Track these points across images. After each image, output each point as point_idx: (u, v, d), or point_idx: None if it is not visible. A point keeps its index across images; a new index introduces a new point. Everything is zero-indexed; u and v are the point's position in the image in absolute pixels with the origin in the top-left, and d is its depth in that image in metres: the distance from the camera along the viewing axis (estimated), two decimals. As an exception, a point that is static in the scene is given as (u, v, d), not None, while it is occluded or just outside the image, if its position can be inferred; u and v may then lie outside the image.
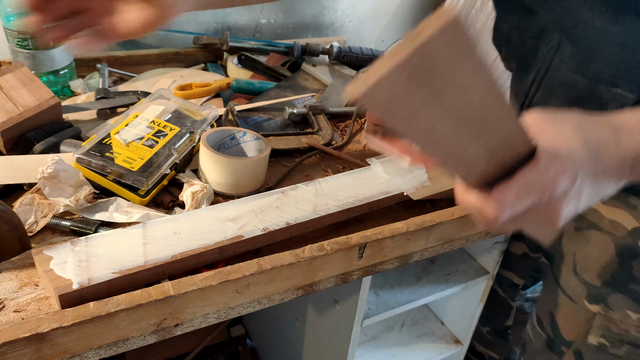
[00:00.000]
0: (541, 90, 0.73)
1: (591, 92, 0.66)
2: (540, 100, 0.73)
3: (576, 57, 0.67)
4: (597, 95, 0.66)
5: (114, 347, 0.51)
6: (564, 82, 0.69)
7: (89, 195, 0.63)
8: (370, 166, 0.76)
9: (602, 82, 0.65)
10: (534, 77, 0.73)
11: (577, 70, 0.67)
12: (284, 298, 0.61)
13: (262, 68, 1.04)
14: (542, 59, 0.72)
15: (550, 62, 0.71)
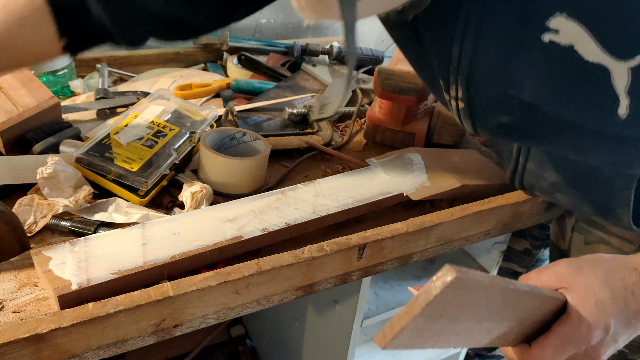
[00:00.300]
0: (532, 161, 0.69)
1: (592, 171, 0.63)
2: (534, 170, 0.69)
3: (563, 153, 0.62)
4: (599, 173, 0.63)
5: (113, 347, 0.51)
6: (558, 162, 0.66)
7: (88, 196, 0.63)
8: (370, 166, 0.75)
9: (605, 165, 0.61)
10: (518, 148, 0.69)
11: (572, 159, 0.63)
12: (284, 298, 0.61)
13: (262, 68, 1.04)
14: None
15: (529, 150, 0.67)
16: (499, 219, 0.74)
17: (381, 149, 0.87)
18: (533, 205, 0.76)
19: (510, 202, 0.73)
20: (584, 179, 0.65)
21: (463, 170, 0.76)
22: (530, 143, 0.65)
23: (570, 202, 0.70)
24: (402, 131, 0.85)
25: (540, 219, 0.80)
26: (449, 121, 0.84)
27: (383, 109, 0.85)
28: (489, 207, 0.71)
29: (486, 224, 0.74)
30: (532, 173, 0.70)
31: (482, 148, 0.90)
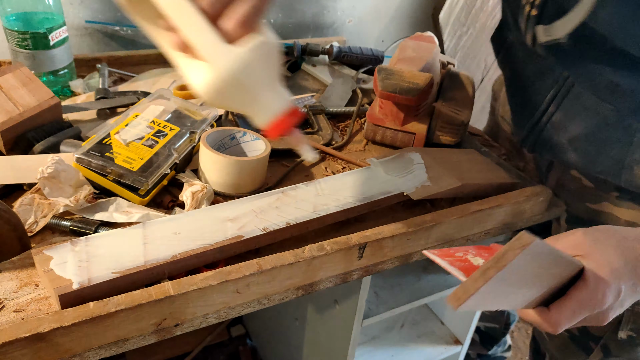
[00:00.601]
0: (562, 110, 0.72)
1: (619, 120, 0.67)
2: (561, 120, 0.72)
3: (602, 92, 0.67)
4: (624, 124, 0.67)
5: (114, 347, 0.51)
6: (589, 108, 0.69)
7: (88, 195, 0.63)
8: (370, 166, 0.75)
9: (631, 113, 0.66)
10: (553, 96, 0.72)
11: (604, 100, 0.67)
12: (284, 298, 0.61)
13: (262, 68, 1.04)
14: (559, 82, 0.71)
15: (570, 89, 0.70)
16: (499, 219, 0.75)
17: (381, 149, 0.87)
18: (534, 204, 0.77)
19: (511, 202, 0.73)
20: (608, 131, 0.68)
21: (463, 170, 0.76)
22: (576, 68, 0.68)
23: (583, 161, 0.73)
24: (402, 131, 0.85)
25: (540, 219, 0.80)
26: (449, 121, 0.85)
27: (383, 109, 0.85)
28: (489, 207, 0.71)
29: (486, 223, 0.74)
30: (556, 125, 0.73)
31: (482, 148, 0.90)
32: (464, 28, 1.50)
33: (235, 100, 0.49)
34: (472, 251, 0.52)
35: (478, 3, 1.46)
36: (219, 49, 0.45)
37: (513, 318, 1.29)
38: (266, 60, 0.47)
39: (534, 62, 0.74)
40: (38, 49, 0.86)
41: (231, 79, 0.46)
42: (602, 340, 0.81)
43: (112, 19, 1.09)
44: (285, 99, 0.50)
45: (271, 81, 0.49)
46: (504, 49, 0.80)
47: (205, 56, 0.45)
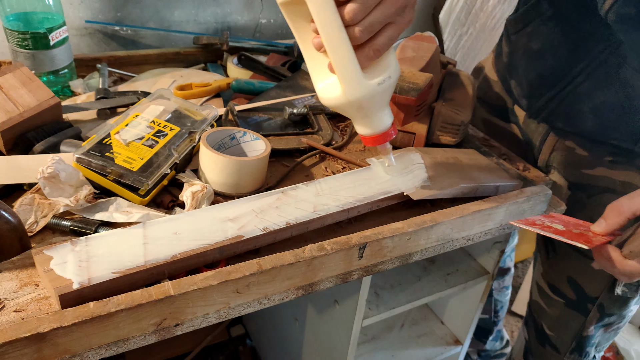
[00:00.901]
0: (590, 80, 0.76)
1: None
2: (587, 89, 0.77)
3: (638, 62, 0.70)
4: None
5: (114, 347, 0.51)
6: (621, 78, 0.73)
7: (89, 195, 0.63)
8: (370, 166, 0.76)
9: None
10: (584, 66, 0.76)
11: (638, 71, 0.71)
12: (284, 298, 0.61)
13: (262, 68, 1.04)
14: (593, 54, 0.75)
15: (606, 59, 0.74)
16: (499, 219, 0.75)
17: (381, 149, 0.87)
18: (534, 204, 0.77)
19: (511, 202, 0.73)
20: (635, 100, 0.73)
21: (463, 170, 0.76)
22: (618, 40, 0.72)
23: (600, 128, 0.79)
24: (402, 131, 0.85)
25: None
26: (449, 121, 0.85)
27: (383, 108, 0.85)
28: (489, 207, 0.71)
29: (486, 223, 0.74)
30: (581, 94, 0.78)
31: (482, 148, 0.90)
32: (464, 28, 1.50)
33: (349, 113, 0.61)
34: (543, 219, 0.62)
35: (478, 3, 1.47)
36: (354, 76, 0.54)
37: (501, 305, 1.30)
38: (385, 91, 0.57)
39: (571, 35, 0.78)
40: (38, 49, 0.86)
41: (355, 103, 0.57)
42: (599, 299, 0.86)
43: (112, 19, 1.09)
44: (388, 120, 0.62)
45: (383, 106, 0.60)
46: (539, 22, 0.83)
47: (341, 77, 0.55)
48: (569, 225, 0.63)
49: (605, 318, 0.88)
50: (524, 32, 0.86)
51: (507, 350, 1.42)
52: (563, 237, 0.57)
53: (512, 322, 1.76)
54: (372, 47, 0.53)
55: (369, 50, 0.53)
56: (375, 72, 0.56)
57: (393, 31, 0.53)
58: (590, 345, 0.92)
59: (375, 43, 0.53)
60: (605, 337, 0.92)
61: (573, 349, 0.93)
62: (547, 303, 0.94)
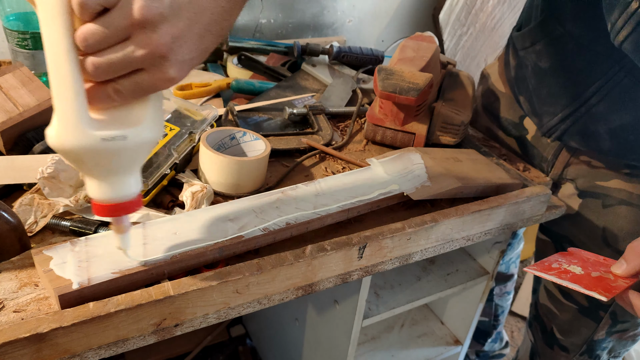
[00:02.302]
0: (605, 102, 0.75)
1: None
2: (603, 111, 0.75)
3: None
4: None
5: (114, 347, 0.51)
6: (637, 100, 0.72)
7: (88, 196, 0.63)
8: (370, 166, 0.75)
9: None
10: (598, 87, 0.74)
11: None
12: (284, 298, 0.61)
13: (262, 68, 1.04)
14: (608, 74, 0.73)
15: (621, 80, 0.72)
16: (499, 219, 0.75)
17: (381, 149, 0.87)
18: (534, 204, 0.77)
19: (511, 202, 0.73)
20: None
21: (463, 170, 0.76)
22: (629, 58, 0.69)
23: (618, 148, 0.78)
24: (402, 131, 0.85)
25: (540, 219, 0.80)
26: (449, 121, 0.85)
27: (383, 109, 0.85)
28: (489, 207, 0.71)
29: (486, 223, 0.74)
30: (597, 115, 0.76)
31: (482, 148, 0.90)
32: (464, 28, 1.50)
33: (74, 164, 0.45)
34: (560, 259, 0.59)
35: (478, 3, 1.47)
36: (71, 116, 0.40)
37: (501, 310, 1.29)
38: (116, 151, 0.42)
39: (583, 55, 0.76)
40: (38, 49, 0.86)
41: (71, 154, 0.42)
42: (611, 307, 0.85)
43: (112, 19, 1.08)
44: (128, 190, 0.45)
45: (120, 169, 0.44)
46: (548, 40, 0.81)
47: (57, 113, 0.40)
48: (588, 266, 0.60)
49: (617, 324, 0.87)
50: (532, 49, 0.84)
51: (506, 352, 1.42)
52: (581, 286, 0.55)
53: (512, 323, 1.76)
54: (114, 86, 0.40)
55: (110, 89, 0.40)
56: (112, 123, 0.42)
57: (144, 80, 0.40)
58: (601, 349, 0.92)
59: (119, 83, 0.40)
60: (621, 343, 0.91)
61: (583, 352, 0.93)
62: (559, 308, 0.94)
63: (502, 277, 1.24)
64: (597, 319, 0.88)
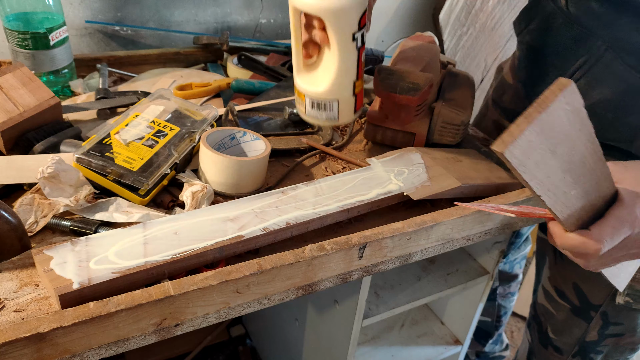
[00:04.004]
0: (586, 78, 0.75)
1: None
2: (583, 87, 0.76)
3: (632, 57, 0.70)
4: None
5: (114, 347, 0.51)
6: (616, 75, 0.73)
7: (89, 195, 0.63)
8: (370, 166, 0.76)
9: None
10: (581, 63, 0.76)
11: (633, 68, 0.71)
12: (284, 298, 0.61)
13: (262, 68, 1.04)
14: (591, 50, 0.74)
15: (602, 56, 0.73)
16: (499, 219, 0.75)
17: (381, 149, 0.87)
18: (534, 204, 0.76)
19: (511, 201, 0.73)
20: (629, 98, 0.72)
21: (463, 170, 0.76)
22: (609, 30, 0.71)
23: (597, 128, 0.77)
24: (402, 131, 0.85)
25: (540, 219, 0.80)
26: (449, 121, 0.85)
27: (383, 109, 0.85)
28: (489, 207, 0.71)
29: (486, 223, 0.74)
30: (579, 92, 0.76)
31: (482, 148, 0.90)
32: (464, 28, 1.50)
33: None
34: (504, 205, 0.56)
35: (478, 3, 1.47)
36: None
37: (504, 311, 1.29)
38: None
39: (569, 31, 0.78)
40: (38, 49, 0.86)
41: None
42: (601, 307, 0.85)
43: (112, 19, 1.09)
44: None
45: None
46: (540, 18, 0.84)
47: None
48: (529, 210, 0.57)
49: (610, 326, 0.87)
50: (526, 30, 0.86)
51: (506, 354, 1.42)
52: (506, 212, 0.53)
53: (511, 323, 1.76)
54: None
55: None
56: None
57: None
58: (595, 352, 0.91)
59: None
60: (618, 350, 0.90)
61: (576, 353, 0.93)
62: (555, 307, 0.94)
63: (506, 277, 1.24)
64: (587, 319, 0.88)
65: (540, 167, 0.40)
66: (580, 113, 0.40)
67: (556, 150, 0.40)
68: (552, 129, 0.38)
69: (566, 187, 0.44)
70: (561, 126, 0.39)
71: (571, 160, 0.42)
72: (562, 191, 0.43)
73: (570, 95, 0.38)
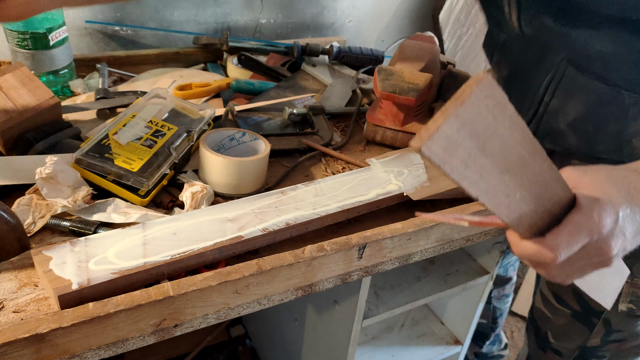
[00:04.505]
0: (557, 97, 0.74)
1: (613, 97, 0.69)
2: (557, 106, 0.75)
3: (594, 67, 0.69)
4: (618, 100, 0.69)
5: (114, 347, 0.51)
6: (584, 88, 0.71)
7: (86, 196, 0.63)
8: (370, 166, 0.75)
9: (623, 88, 0.68)
10: (547, 83, 0.74)
11: (597, 78, 0.69)
12: (284, 298, 0.61)
13: (262, 68, 1.04)
14: (554, 68, 0.73)
15: (564, 71, 0.72)
16: (499, 219, 0.74)
17: (381, 149, 0.87)
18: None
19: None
20: (603, 108, 0.70)
21: (463, 170, 0.76)
22: (563, 40, 0.70)
23: (583, 142, 0.76)
24: (402, 131, 0.85)
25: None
26: (449, 121, 0.84)
27: (383, 109, 0.85)
28: (489, 207, 0.71)
29: (486, 223, 0.74)
30: (554, 111, 0.75)
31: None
32: (464, 28, 1.50)
33: None
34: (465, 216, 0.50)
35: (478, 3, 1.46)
36: None
37: (500, 312, 1.29)
38: None
39: (529, 53, 0.77)
40: (38, 49, 0.86)
41: None
42: (604, 314, 0.83)
43: (112, 19, 1.09)
44: None
45: None
46: (498, 49, 0.83)
47: None
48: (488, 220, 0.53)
49: (613, 334, 0.86)
50: (492, 63, 0.86)
51: (505, 353, 1.42)
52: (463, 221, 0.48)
53: (511, 323, 1.75)
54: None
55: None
56: None
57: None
58: (596, 357, 0.91)
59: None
60: (620, 355, 0.89)
61: (576, 357, 0.92)
62: (552, 312, 0.93)
63: (501, 280, 1.24)
64: (589, 325, 0.86)
65: (469, 166, 0.36)
66: (506, 109, 0.37)
67: (485, 148, 0.37)
68: (476, 125, 0.35)
69: (508, 189, 0.40)
70: (486, 122, 0.36)
71: (507, 159, 0.39)
72: (503, 193, 0.40)
73: (488, 88, 0.35)
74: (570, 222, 0.45)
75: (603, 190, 0.47)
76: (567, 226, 0.45)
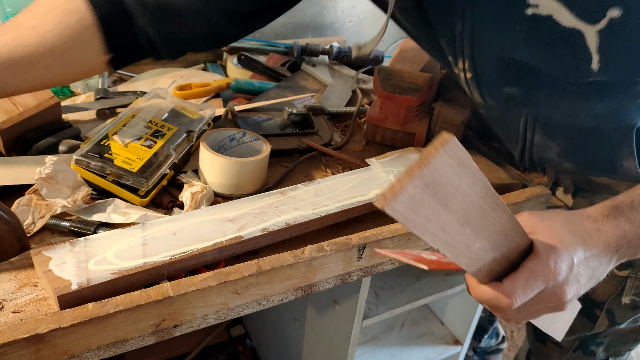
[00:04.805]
0: (538, 133, 0.74)
1: (592, 131, 0.69)
2: (541, 141, 0.75)
3: (564, 119, 0.70)
4: (597, 131, 0.69)
5: (113, 348, 0.51)
6: (560, 126, 0.72)
7: (86, 197, 0.63)
8: (370, 166, 0.75)
9: (601, 120, 0.68)
10: (524, 125, 0.75)
11: (569, 123, 0.70)
12: (284, 299, 0.60)
13: (262, 68, 1.04)
14: (524, 116, 0.74)
15: (536, 116, 0.73)
16: (499, 219, 0.74)
17: (381, 149, 0.87)
18: (533, 204, 0.76)
19: (511, 202, 0.73)
20: (586, 140, 0.71)
21: (463, 170, 0.76)
22: (530, 107, 0.72)
23: (578, 167, 0.76)
24: (402, 131, 0.85)
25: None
26: (449, 121, 0.84)
27: (383, 109, 0.85)
28: (489, 207, 0.71)
29: (486, 224, 0.73)
30: (539, 145, 0.76)
31: (482, 148, 0.90)
32: (464, 28, 1.49)
33: None
34: (426, 253, 0.53)
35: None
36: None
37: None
38: None
39: (497, 112, 0.78)
40: (37, 49, 0.85)
41: None
42: (606, 304, 0.84)
43: (111, 19, 1.08)
44: None
45: None
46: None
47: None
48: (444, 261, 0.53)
49: (615, 326, 0.86)
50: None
51: (503, 346, 1.42)
52: (415, 260, 0.50)
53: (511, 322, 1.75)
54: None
55: None
56: None
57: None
58: (595, 345, 0.91)
59: None
60: (621, 339, 0.89)
61: (577, 347, 0.93)
62: None
63: None
64: (592, 318, 0.87)
65: (432, 222, 0.38)
66: (469, 167, 0.38)
67: (448, 205, 0.38)
68: (439, 184, 0.37)
69: (469, 240, 0.42)
70: (449, 181, 0.37)
71: (468, 213, 0.40)
72: (464, 244, 0.42)
73: (453, 149, 0.36)
74: (527, 269, 0.46)
75: (559, 237, 0.48)
76: (523, 273, 0.46)
